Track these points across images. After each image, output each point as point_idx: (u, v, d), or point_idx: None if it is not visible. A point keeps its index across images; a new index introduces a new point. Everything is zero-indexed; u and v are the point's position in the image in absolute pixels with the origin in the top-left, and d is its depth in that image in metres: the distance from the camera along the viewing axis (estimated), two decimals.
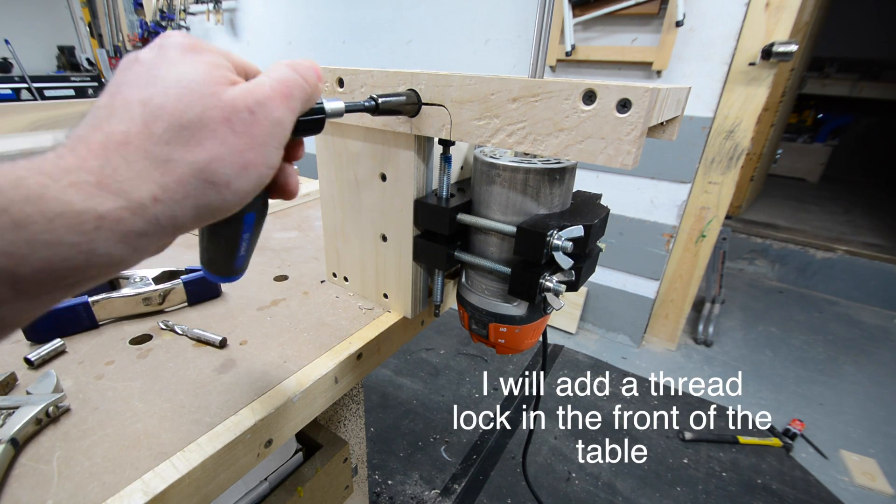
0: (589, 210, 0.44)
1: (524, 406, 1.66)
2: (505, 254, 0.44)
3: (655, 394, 1.75)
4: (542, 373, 0.61)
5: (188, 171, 0.20)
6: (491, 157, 0.42)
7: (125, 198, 0.19)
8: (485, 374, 1.81)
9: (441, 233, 0.44)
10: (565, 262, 0.37)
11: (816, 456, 1.49)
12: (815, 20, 2.85)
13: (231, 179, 0.22)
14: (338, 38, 2.42)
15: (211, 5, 2.77)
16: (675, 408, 1.68)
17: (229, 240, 0.29)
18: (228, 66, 0.23)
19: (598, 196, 0.48)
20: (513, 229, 0.39)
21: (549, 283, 0.39)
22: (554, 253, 0.37)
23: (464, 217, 0.44)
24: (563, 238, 0.37)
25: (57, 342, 0.44)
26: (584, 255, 0.42)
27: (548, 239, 0.37)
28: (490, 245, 0.44)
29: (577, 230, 0.38)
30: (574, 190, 0.47)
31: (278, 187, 0.28)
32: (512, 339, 0.46)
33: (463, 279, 0.49)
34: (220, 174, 0.21)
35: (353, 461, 0.67)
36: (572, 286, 0.42)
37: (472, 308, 0.47)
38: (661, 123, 0.42)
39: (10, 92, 3.39)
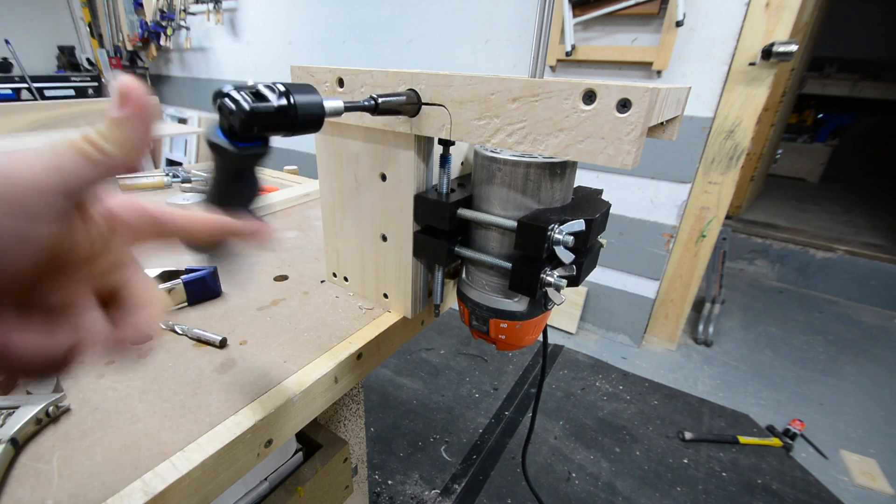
0: (590, 205, 0.43)
1: (524, 406, 1.66)
2: (506, 249, 0.44)
3: (655, 394, 1.75)
4: (542, 373, 0.61)
5: None
6: (491, 151, 0.42)
7: None
8: (485, 374, 1.81)
9: (441, 228, 0.44)
10: (566, 256, 0.37)
11: (816, 456, 1.49)
12: (815, 20, 2.85)
13: None
14: (338, 38, 2.42)
15: (211, 5, 2.77)
16: (675, 408, 1.68)
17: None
18: None
19: (600, 192, 0.48)
20: (513, 224, 0.39)
21: (550, 278, 0.39)
22: (555, 247, 0.37)
23: (464, 212, 0.43)
24: (564, 232, 0.36)
25: None
26: (586, 250, 0.42)
27: (548, 233, 0.36)
28: (491, 240, 0.44)
29: (579, 224, 0.38)
30: (575, 185, 0.47)
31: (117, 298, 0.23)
32: (513, 335, 0.46)
33: (463, 275, 0.49)
34: None
35: (353, 461, 0.67)
36: (573, 281, 0.42)
37: (472, 304, 0.47)
38: (661, 123, 0.42)
39: (10, 92, 3.39)
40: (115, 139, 0.18)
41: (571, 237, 0.37)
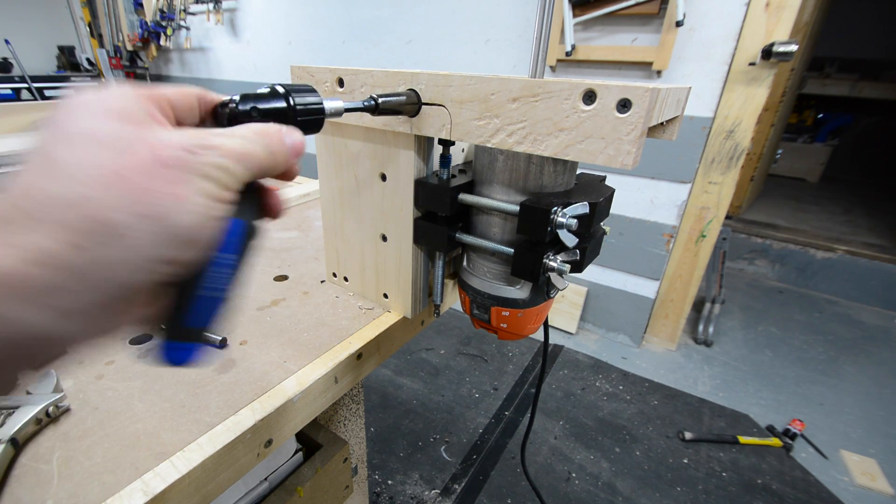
0: (593, 189, 0.43)
1: (524, 406, 1.66)
2: (508, 234, 0.43)
3: (655, 394, 1.75)
4: (541, 372, 0.61)
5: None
6: None
7: (22, 247, 0.16)
8: (485, 374, 1.81)
9: (442, 213, 0.43)
10: (570, 240, 0.37)
11: (816, 456, 1.49)
12: (815, 20, 2.85)
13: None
14: (338, 38, 2.42)
15: (211, 5, 2.77)
16: (675, 408, 1.68)
17: (180, 285, 0.22)
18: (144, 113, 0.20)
19: (603, 178, 0.48)
20: (515, 208, 0.39)
21: (552, 263, 0.38)
22: (558, 231, 0.36)
23: (465, 197, 0.43)
24: (567, 215, 0.36)
25: None
26: (589, 235, 0.41)
27: (552, 216, 0.36)
28: (492, 226, 0.44)
29: (583, 207, 0.37)
30: (578, 172, 0.47)
31: (265, 209, 0.27)
32: (514, 324, 0.46)
33: (464, 263, 0.49)
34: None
35: (353, 461, 0.67)
36: (577, 267, 0.41)
37: (473, 292, 0.47)
38: (662, 123, 0.42)
39: (10, 92, 3.39)
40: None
41: (575, 220, 0.36)
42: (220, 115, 0.25)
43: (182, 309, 0.23)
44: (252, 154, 0.22)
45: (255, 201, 0.25)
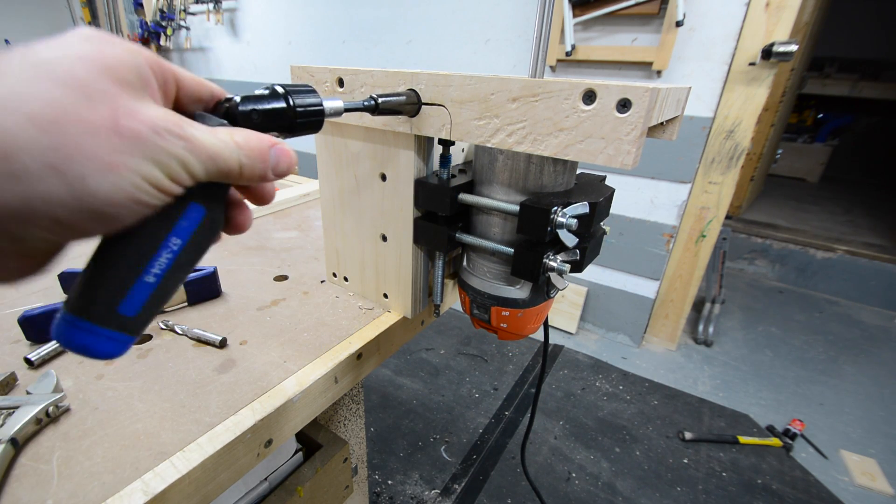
0: (593, 189, 0.43)
1: (524, 406, 1.66)
2: (508, 234, 0.43)
3: (655, 394, 1.75)
4: (541, 372, 0.61)
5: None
6: None
7: None
8: (485, 374, 1.81)
9: (442, 213, 0.43)
10: (570, 239, 0.37)
11: (816, 456, 1.49)
12: (815, 20, 2.85)
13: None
14: (338, 38, 2.42)
15: (211, 5, 2.77)
16: (675, 408, 1.68)
17: (129, 258, 0.20)
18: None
19: (603, 178, 0.48)
20: (515, 208, 0.39)
21: (552, 263, 0.38)
22: (558, 230, 0.36)
23: (465, 197, 0.43)
24: (567, 215, 0.36)
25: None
26: (589, 235, 0.42)
27: (552, 216, 0.36)
28: (492, 226, 0.44)
29: (583, 207, 0.38)
30: (578, 172, 0.47)
31: (228, 221, 0.27)
32: (514, 324, 0.46)
33: (464, 263, 0.49)
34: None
35: (353, 461, 0.67)
36: (577, 266, 0.41)
37: (473, 292, 0.47)
38: (661, 123, 0.42)
39: None
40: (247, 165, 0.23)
41: (575, 220, 0.36)
42: (218, 111, 0.25)
43: (122, 289, 0.21)
44: (223, 159, 0.21)
45: (222, 201, 0.24)
